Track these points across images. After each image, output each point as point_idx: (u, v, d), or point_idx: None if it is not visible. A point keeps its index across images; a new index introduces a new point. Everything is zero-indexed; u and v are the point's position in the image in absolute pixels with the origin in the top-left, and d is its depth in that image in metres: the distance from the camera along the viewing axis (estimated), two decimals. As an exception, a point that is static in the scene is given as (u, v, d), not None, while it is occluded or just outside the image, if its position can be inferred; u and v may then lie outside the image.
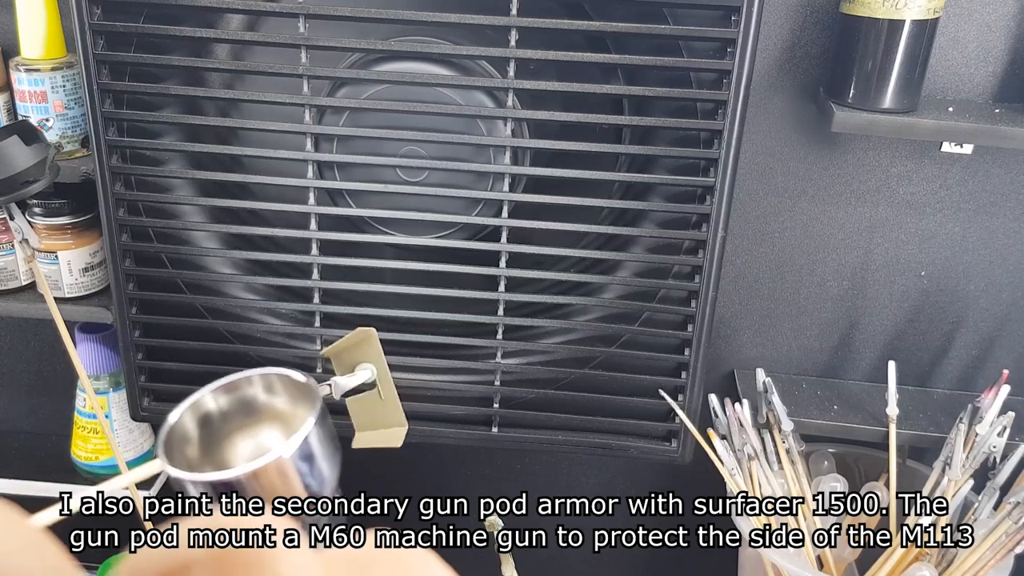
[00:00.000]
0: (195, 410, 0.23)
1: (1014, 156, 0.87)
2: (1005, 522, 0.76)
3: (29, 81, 0.83)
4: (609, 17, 0.74)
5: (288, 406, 0.23)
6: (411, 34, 0.79)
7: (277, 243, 0.86)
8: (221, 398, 0.23)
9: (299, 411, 0.23)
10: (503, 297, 0.82)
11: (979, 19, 0.82)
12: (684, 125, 0.76)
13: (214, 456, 0.23)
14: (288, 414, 0.23)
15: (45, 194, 0.81)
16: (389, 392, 0.66)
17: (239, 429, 0.23)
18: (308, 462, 0.21)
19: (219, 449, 0.23)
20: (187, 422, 0.23)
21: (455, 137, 0.76)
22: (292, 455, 0.20)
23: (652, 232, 0.80)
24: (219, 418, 0.23)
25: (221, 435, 0.23)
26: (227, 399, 0.23)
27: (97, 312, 0.88)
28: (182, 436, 0.22)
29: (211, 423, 0.23)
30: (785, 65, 0.85)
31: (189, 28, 0.75)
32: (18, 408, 1.09)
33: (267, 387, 0.23)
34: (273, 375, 0.23)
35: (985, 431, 0.81)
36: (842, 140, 0.87)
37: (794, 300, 0.95)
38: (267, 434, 0.23)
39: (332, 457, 0.22)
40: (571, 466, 1.09)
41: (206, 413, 0.23)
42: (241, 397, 0.23)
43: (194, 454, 0.22)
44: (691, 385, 0.84)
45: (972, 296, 0.93)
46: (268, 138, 0.80)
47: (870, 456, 0.92)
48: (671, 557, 1.11)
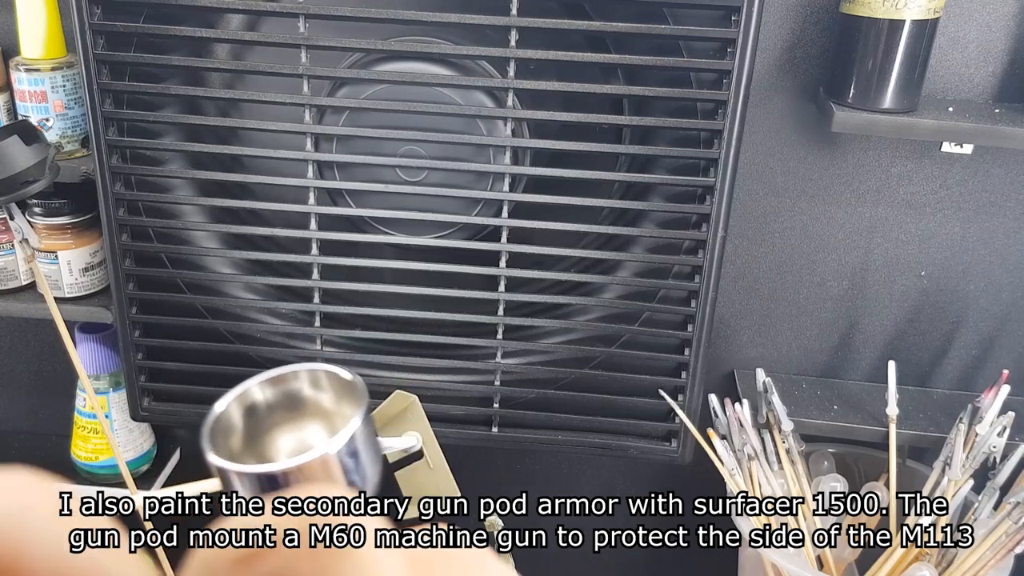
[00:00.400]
0: (241, 401, 0.22)
1: (1014, 156, 0.87)
2: (1005, 522, 0.76)
3: (29, 81, 0.82)
4: (609, 17, 0.74)
5: (333, 403, 0.23)
6: (411, 34, 0.79)
7: (277, 243, 0.86)
8: (267, 390, 0.22)
9: (344, 409, 0.23)
10: (503, 297, 0.82)
11: (979, 19, 0.82)
12: (684, 125, 0.76)
13: (256, 449, 0.22)
14: (332, 411, 0.23)
15: (45, 194, 0.81)
16: (437, 459, 0.65)
17: (282, 423, 0.23)
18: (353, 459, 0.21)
19: (262, 442, 0.23)
20: (233, 412, 0.22)
21: (455, 137, 0.76)
22: (338, 452, 0.20)
23: (652, 232, 0.80)
24: (264, 411, 0.23)
25: (264, 428, 0.23)
26: (273, 392, 0.23)
27: (97, 312, 0.88)
28: (226, 426, 0.22)
29: (256, 415, 0.23)
30: (785, 65, 0.85)
31: (189, 28, 0.75)
32: (18, 408, 1.09)
33: (313, 382, 0.23)
34: (321, 371, 0.22)
35: (985, 431, 0.81)
36: (842, 140, 0.87)
37: (794, 300, 0.95)
38: (310, 430, 0.23)
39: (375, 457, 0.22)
40: (571, 466, 1.09)
41: (252, 405, 0.22)
42: (287, 391, 0.23)
43: (237, 446, 0.22)
44: (691, 385, 0.84)
45: (972, 296, 0.93)
46: (268, 138, 0.80)
47: (870, 456, 0.92)
48: (671, 557, 1.11)
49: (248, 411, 0.22)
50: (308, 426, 0.23)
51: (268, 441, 0.23)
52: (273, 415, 0.23)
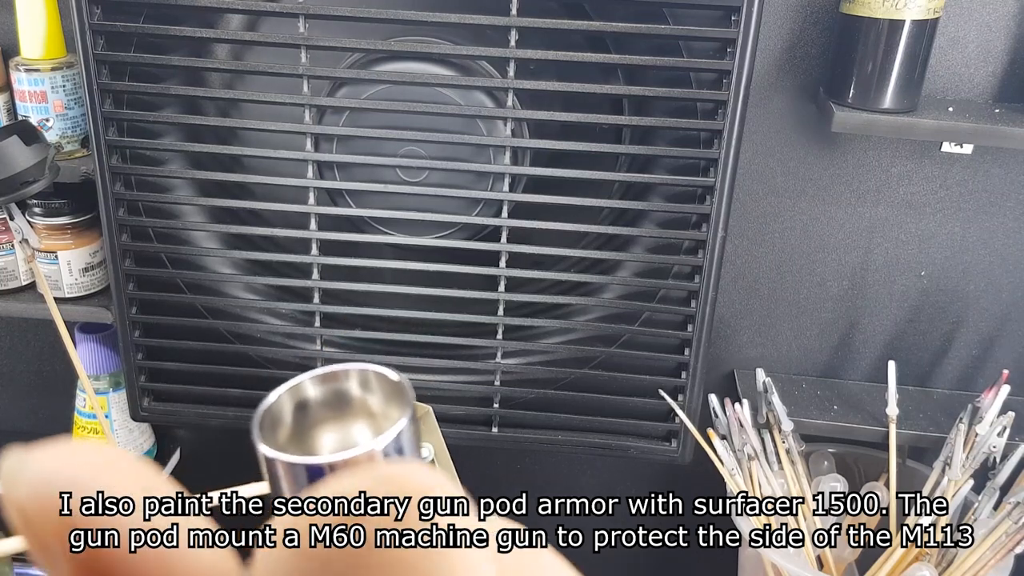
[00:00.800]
0: (293, 395, 0.22)
1: (1014, 156, 0.87)
2: (1005, 522, 0.76)
3: (29, 81, 0.82)
4: (609, 17, 0.74)
5: (380, 405, 0.23)
6: (411, 34, 0.79)
7: (277, 243, 0.86)
8: (318, 387, 0.22)
9: (390, 411, 0.22)
10: (503, 297, 0.82)
11: (979, 19, 0.82)
12: (684, 125, 0.76)
13: (301, 444, 0.22)
14: (378, 412, 0.23)
15: (45, 194, 0.81)
16: (448, 472, 0.64)
17: (327, 421, 0.23)
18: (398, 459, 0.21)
19: (306, 437, 0.23)
20: (283, 405, 0.22)
21: (455, 137, 0.76)
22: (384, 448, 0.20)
23: (652, 232, 0.80)
24: (312, 407, 0.23)
25: (309, 424, 0.23)
26: (323, 389, 0.23)
27: (97, 312, 0.88)
28: (275, 418, 0.22)
29: (304, 411, 0.23)
30: (785, 65, 0.85)
31: (189, 28, 0.74)
32: (18, 408, 1.09)
33: (362, 383, 0.23)
34: (370, 371, 0.22)
35: (985, 431, 0.81)
36: (842, 140, 0.87)
37: (794, 300, 0.95)
38: (355, 429, 0.23)
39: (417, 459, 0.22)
40: (571, 466, 1.09)
41: (303, 400, 0.22)
42: (336, 389, 0.23)
43: (283, 439, 0.22)
44: (691, 385, 0.84)
45: (972, 296, 0.93)
46: (268, 138, 0.80)
47: (870, 456, 0.92)
48: (671, 557, 1.11)
49: (298, 406, 0.22)
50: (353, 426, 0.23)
51: (313, 437, 0.23)
52: (320, 412, 0.23)
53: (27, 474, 0.13)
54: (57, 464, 0.13)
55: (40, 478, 0.13)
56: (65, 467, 0.13)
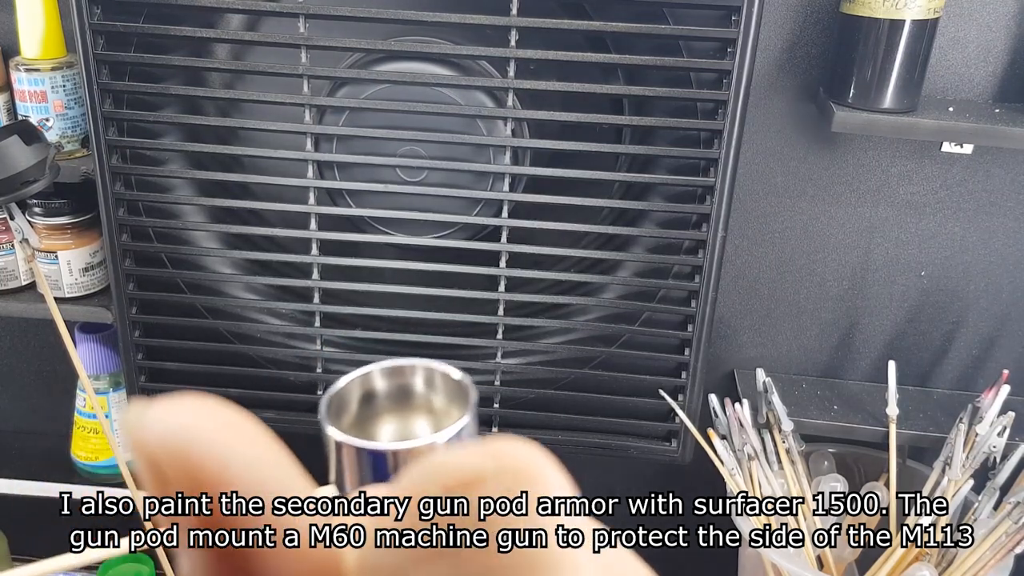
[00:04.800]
0: (362, 383, 0.22)
1: (1014, 156, 0.87)
2: (1005, 522, 0.76)
3: (29, 81, 0.82)
4: (609, 17, 0.74)
5: (442, 402, 0.23)
6: (411, 34, 0.79)
7: (277, 243, 0.86)
8: (385, 379, 0.23)
9: (452, 409, 0.23)
10: (503, 297, 0.82)
11: (979, 19, 0.82)
12: (684, 125, 0.76)
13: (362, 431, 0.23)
14: (440, 410, 0.23)
15: (45, 194, 0.81)
16: None
17: (388, 413, 0.23)
18: None
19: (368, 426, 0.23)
20: (351, 392, 0.22)
21: (455, 137, 0.76)
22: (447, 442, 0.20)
23: (652, 232, 0.80)
24: (377, 397, 0.23)
25: (371, 414, 0.23)
26: (389, 381, 0.23)
27: (97, 312, 0.88)
28: (341, 404, 0.22)
29: (369, 400, 0.23)
30: (785, 65, 0.85)
31: (189, 28, 0.74)
32: (18, 408, 1.09)
33: (427, 379, 0.23)
34: (436, 369, 0.22)
35: (985, 431, 0.81)
36: (842, 140, 0.87)
37: (794, 300, 0.95)
38: (416, 424, 0.23)
39: None
40: (571, 466, 1.09)
41: (370, 389, 0.23)
42: (401, 383, 0.23)
43: (346, 424, 0.22)
44: (691, 385, 0.84)
45: (972, 296, 0.93)
46: (268, 138, 0.80)
47: (870, 456, 0.92)
48: (671, 557, 1.11)
49: (365, 395, 0.22)
50: (413, 420, 0.23)
51: (375, 427, 0.23)
52: (383, 403, 0.23)
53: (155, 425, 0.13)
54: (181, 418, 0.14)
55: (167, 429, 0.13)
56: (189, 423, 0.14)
